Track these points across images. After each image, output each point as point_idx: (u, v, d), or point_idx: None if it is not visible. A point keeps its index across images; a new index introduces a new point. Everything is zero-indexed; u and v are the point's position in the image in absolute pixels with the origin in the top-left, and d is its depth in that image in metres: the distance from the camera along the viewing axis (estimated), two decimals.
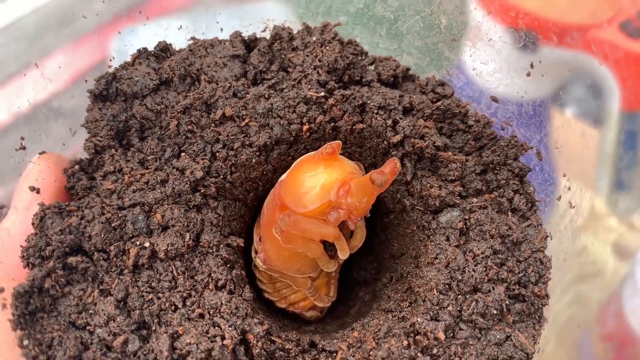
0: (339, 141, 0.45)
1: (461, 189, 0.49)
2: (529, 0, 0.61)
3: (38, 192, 0.47)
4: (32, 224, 0.45)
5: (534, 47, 0.56)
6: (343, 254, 0.48)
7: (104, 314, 0.43)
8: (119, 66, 0.50)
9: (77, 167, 0.49)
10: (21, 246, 0.44)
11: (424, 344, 0.43)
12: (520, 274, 0.45)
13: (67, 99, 0.51)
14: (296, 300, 0.55)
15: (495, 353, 0.43)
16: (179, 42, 0.52)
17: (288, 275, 0.51)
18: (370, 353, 0.44)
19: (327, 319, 0.59)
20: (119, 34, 0.54)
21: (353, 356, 0.44)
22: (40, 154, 0.48)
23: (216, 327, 0.44)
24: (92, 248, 0.45)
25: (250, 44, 0.53)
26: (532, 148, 0.49)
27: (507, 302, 0.45)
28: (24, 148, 0.49)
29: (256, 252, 0.52)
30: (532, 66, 0.50)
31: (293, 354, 0.46)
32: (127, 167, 0.47)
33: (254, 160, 0.49)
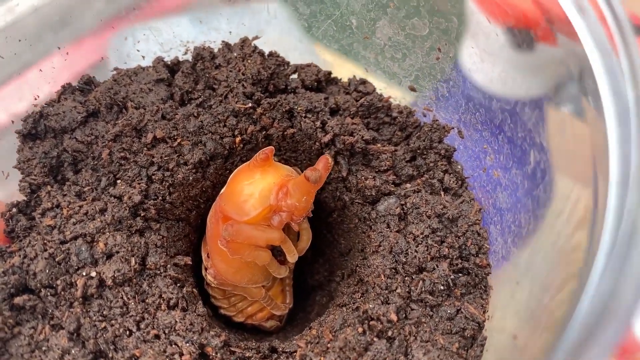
0: (272, 147, 0.46)
1: (394, 177, 0.51)
2: None
3: None
4: None
5: (530, 45, 0.57)
6: (292, 257, 0.49)
7: (58, 348, 0.42)
8: (45, 104, 0.50)
9: (14, 209, 0.48)
10: None
11: (379, 328, 0.44)
12: (461, 248, 0.47)
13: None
14: (253, 312, 0.56)
15: (449, 327, 0.45)
16: (103, 74, 0.52)
17: (241, 288, 0.52)
18: (328, 345, 0.44)
19: (288, 327, 0.59)
20: (119, 34, 0.54)
21: (312, 351, 0.45)
22: None
23: (173, 345, 0.44)
24: (39, 285, 0.44)
25: (174, 67, 0.54)
26: (453, 128, 0.51)
27: (452, 277, 0.46)
28: None
29: (206, 269, 0.52)
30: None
31: None
32: (65, 201, 0.47)
33: (191, 178, 0.50)
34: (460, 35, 0.51)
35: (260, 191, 0.45)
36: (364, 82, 0.54)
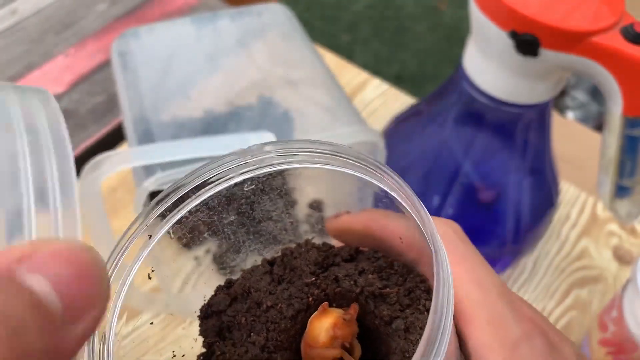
0: (326, 302, 0.86)
1: (399, 306, 0.88)
2: (530, 5, 0.65)
3: None
4: None
5: (535, 52, 0.63)
6: None
7: None
8: (209, 299, 0.93)
9: (201, 358, 0.91)
10: None
11: None
12: None
13: (69, 101, 0.58)
14: None
15: None
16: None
17: None
18: None
19: None
20: (121, 36, 0.56)
21: None
22: None
23: None
24: None
25: (270, 260, 0.96)
26: (427, 279, 0.88)
27: None
28: None
29: None
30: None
31: None
32: (227, 349, 0.89)
33: (289, 325, 0.90)
34: None
35: (325, 328, 0.85)
36: (375, 251, 0.93)
